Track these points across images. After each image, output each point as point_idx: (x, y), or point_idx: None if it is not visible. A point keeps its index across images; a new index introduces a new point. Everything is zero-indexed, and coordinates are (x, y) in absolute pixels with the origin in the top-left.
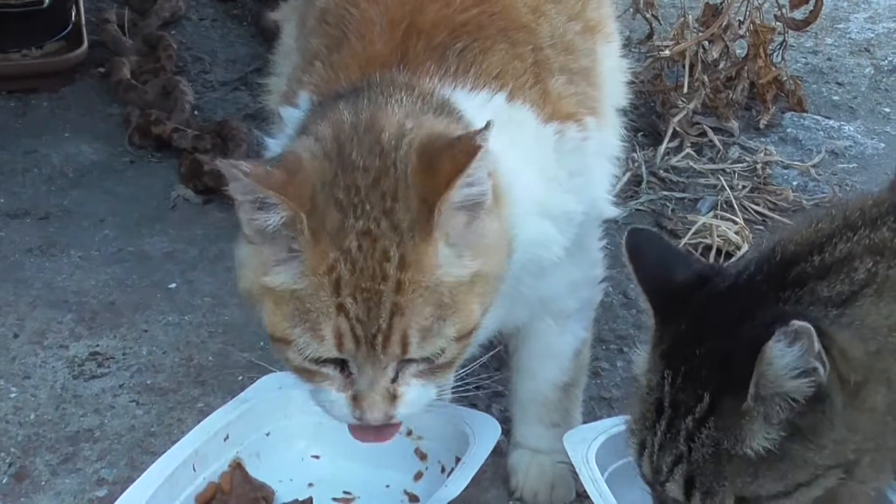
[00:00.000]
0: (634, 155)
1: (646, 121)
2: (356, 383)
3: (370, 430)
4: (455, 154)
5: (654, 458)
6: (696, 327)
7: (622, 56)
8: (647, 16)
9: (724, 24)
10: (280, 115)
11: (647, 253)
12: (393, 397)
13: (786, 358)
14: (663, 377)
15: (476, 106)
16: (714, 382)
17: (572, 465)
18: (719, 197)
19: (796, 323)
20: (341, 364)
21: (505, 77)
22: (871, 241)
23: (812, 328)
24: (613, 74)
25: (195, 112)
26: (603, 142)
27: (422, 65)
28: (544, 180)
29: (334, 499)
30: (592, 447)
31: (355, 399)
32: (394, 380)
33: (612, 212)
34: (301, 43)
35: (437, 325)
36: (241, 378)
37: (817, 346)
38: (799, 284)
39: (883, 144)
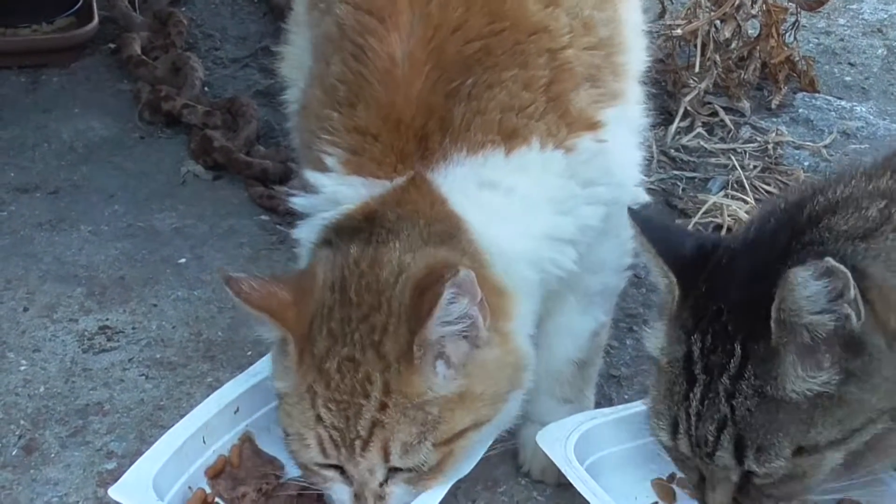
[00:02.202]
0: (645, 134)
1: (657, 100)
2: (353, 483)
3: None
4: (429, 293)
5: (694, 430)
6: (717, 286)
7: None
8: None
9: (737, 3)
10: (310, 182)
11: (656, 227)
12: (381, 498)
13: (809, 289)
14: (690, 344)
15: (468, 178)
16: (744, 330)
17: None
18: (730, 177)
19: (830, 261)
20: (340, 468)
21: (509, 120)
22: (874, 187)
23: (848, 273)
24: (636, 35)
25: (205, 88)
26: (629, 125)
27: (431, 139)
28: (555, 206)
29: None
30: (569, 445)
31: (356, 497)
32: (383, 483)
33: (645, 198)
34: (319, 45)
35: (418, 439)
36: (249, 353)
37: (853, 292)
38: (814, 222)
39: (895, 125)
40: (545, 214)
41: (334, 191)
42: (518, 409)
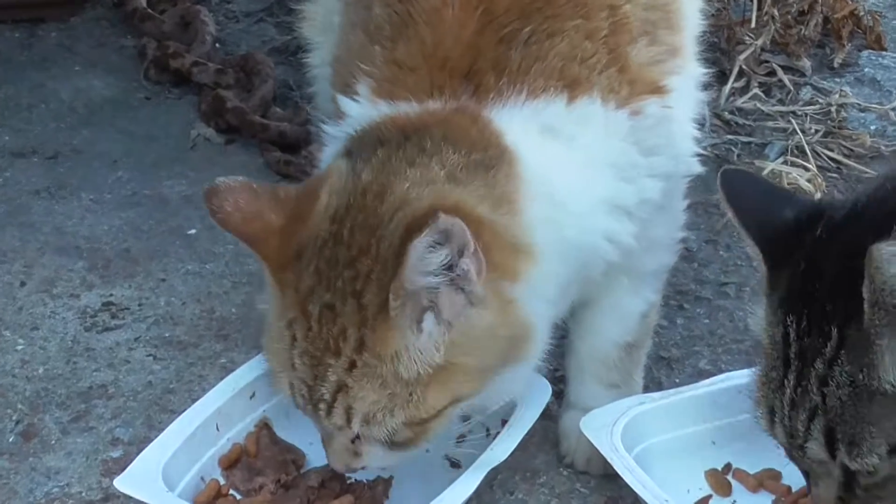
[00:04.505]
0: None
1: (709, 58)
2: (322, 428)
3: None
4: (410, 238)
5: (787, 420)
6: (816, 263)
7: None
8: None
9: None
10: (338, 105)
11: (746, 194)
12: (356, 454)
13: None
14: (787, 326)
15: (530, 121)
16: (841, 312)
17: None
18: (789, 142)
19: None
20: None
21: (571, 69)
22: None
23: None
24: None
25: (217, 44)
26: (688, 96)
27: (484, 77)
28: (617, 171)
29: None
30: (615, 432)
31: (323, 441)
32: (354, 440)
33: (699, 168)
34: None
35: (383, 413)
36: None
37: None
38: None
39: None
40: (607, 178)
41: (361, 114)
42: (522, 386)
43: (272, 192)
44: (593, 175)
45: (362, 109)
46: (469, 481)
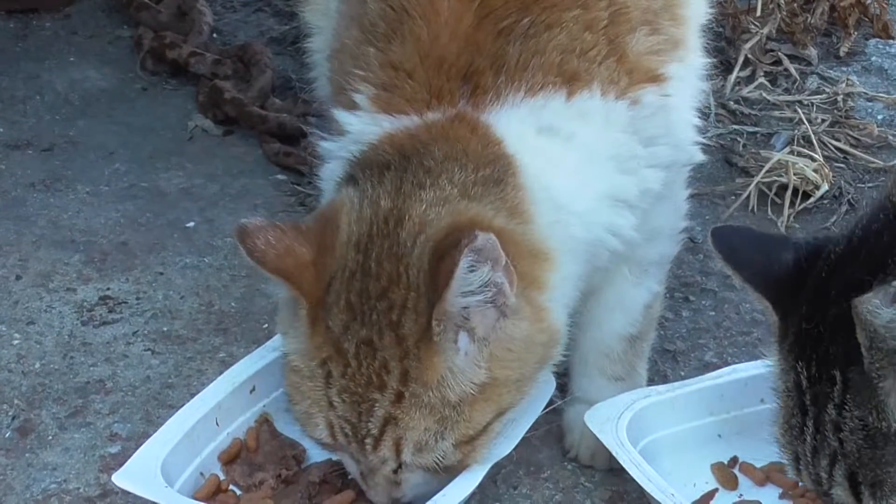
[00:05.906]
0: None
1: (714, 47)
2: (361, 464)
3: None
4: (446, 261)
5: (811, 467)
6: (818, 304)
7: None
8: None
9: None
10: (336, 119)
11: (743, 248)
12: (396, 483)
13: (882, 317)
14: (798, 373)
15: (527, 122)
16: (843, 356)
17: None
18: (796, 131)
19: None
20: None
21: (570, 62)
22: None
23: None
24: None
25: (214, 34)
26: (688, 85)
27: (482, 77)
28: (617, 164)
29: None
30: (620, 426)
31: (363, 475)
32: (396, 470)
33: (701, 157)
34: None
35: (434, 439)
36: (266, 326)
37: None
38: None
39: None
40: (607, 172)
41: (361, 130)
42: (540, 384)
43: (294, 226)
44: (593, 171)
45: (363, 125)
46: (472, 476)
